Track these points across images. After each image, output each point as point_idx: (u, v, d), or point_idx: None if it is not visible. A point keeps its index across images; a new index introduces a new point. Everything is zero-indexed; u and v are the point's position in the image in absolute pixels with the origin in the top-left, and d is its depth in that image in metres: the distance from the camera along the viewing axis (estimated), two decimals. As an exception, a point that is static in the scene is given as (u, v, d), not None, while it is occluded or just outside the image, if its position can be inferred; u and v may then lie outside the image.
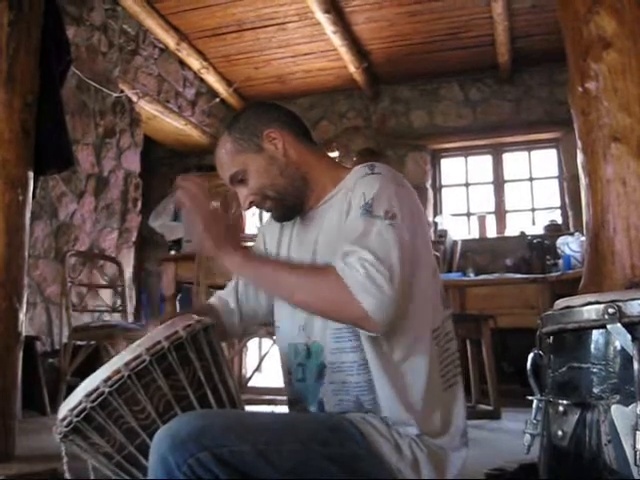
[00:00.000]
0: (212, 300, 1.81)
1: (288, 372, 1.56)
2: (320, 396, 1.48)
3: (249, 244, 1.82)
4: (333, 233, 1.47)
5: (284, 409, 1.63)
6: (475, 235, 6.38)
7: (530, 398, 1.31)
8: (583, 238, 3.79)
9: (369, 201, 1.37)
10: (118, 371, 1.27)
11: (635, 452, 1.01)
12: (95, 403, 1.26)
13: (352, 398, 1.42)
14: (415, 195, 1.49)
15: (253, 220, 6.72)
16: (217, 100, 6.88)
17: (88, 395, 1.27)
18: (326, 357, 1.46)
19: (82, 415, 1.28)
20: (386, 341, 1.38)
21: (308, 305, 1.37)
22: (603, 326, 1.11)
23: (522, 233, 6.05)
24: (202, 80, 6.70)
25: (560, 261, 5.28)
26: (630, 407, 1.05)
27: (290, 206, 1.56)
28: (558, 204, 6.34)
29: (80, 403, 1.27)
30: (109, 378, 1.26)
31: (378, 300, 1.25)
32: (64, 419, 1.30)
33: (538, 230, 6.04)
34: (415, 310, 1.39)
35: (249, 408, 1.61)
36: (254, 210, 1.66)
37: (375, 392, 1.40)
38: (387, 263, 1.28)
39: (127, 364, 1.27)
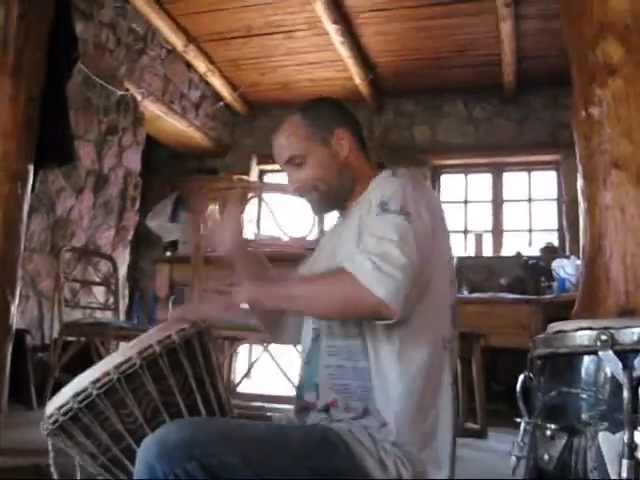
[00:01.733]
0: None
1: (303, 355, 1.62)
2: (317, 380, 1.50)
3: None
4: (351, 229, 1.53)
5: (272, 414, 1.63)
6: (471, 253, 6.38)
7: (518, 420, 1.31)
8: (579, 262, 3.79)
9: (385, 199, 1.41)
10: (107, 373, 1.26)
11: (620, 480, 1.01)
12: (82, 404, 1.26)
13: (347, 383, 1.45)
14: (437, 199, 1.54)
15: (250, 226, 6.71)
16: (221, 104, 6.89)
17: (76, 395, 1.26)
18: (324, 341, 1.50)
19: (69, 415, 1.27)
20: (389, 330, 1.39)
21: (326, 311, 1.40)
22: (595, 352, 1.11)
23: (518, 253, 6.05)
24: (207, 83, 6.71)
25: (555, 283, 5.28)
26: (617, 435, 1.05)
27: (332, 203, 1.63)
28: (555, 226, 6.35)
29: (67, 403, 1.27)
30: (98, 380, 1.26)
31: (390, 286, 1.28)
32: (51, 416, 1.30)
33: (534, 251, 6.04)
34: (427, 309, 1.42)
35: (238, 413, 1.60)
36: (251, 217, 1.69)
37: (370, 381, 1.42)
38: (394, 251, 1.31)
39: (117, 367, 1.27)
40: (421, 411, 1.42)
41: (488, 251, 6.39)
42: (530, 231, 6.48)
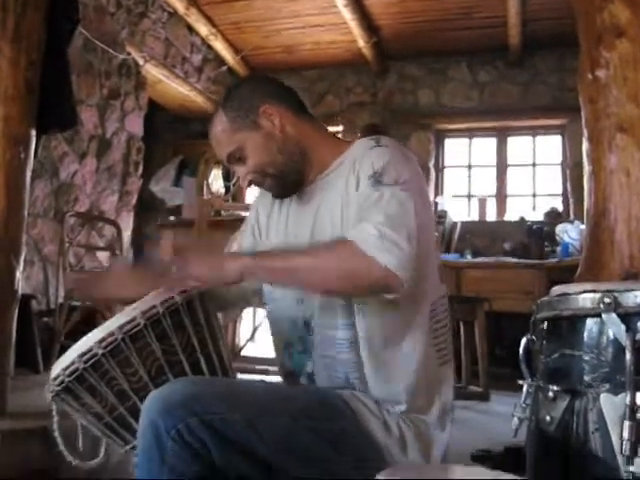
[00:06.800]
0: None
1: (286, 345, 1.54)
2: (310, 370, 1.48)
3: (248, 214, 1.81)
4: (335, 205, 1.45)
5: (276, 379, 1.64)
6: (475, 217, 6.37)
7: (520, 382, 1.32)
8: (582, 226, 3.79)
9: (378, 170, 1.36)
10: (112, 333, 1.28)
11: (622, 441, 1.02)
12: (88, 364, 1.28)
13: (341, 375, 1.42)
14: (419, 167, 1.48)
15: (253, 190, 6.70)
16: (224, 68, 6.83)
17: (81, 356, 1.28)
18: (318, 331, 1.46)
19: (74, 375, 1.29)
20: (381, 317, 1.38)
21: (328, 283, 1.32)
22: (598, 315, 1.11)
23: (522, 218, 6.04)
24: (210, 47, 6.64)
25: (558, 248, 5.28)
26: (619, 397, 1.06)
27: (291, 182, 1.54)
28: (560, 191, 6.32)
29: (73, 363, 1.28)
30: (103, 340, 1.28)
31: (398, 257, 1.23)
32: (56, 378, 1.31)
33: (538, 216, 6.03)
34: (416, 282, 1.36)
35: (242, 377, 1.62)
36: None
37: (363, 371, 1.40)
38: (402, 222, 1.27)
39: (121, 327, 1.28)
40: (424, 383, 1.41)
41: (492, 216, 6.38)
42: (534, 196, 6.45)
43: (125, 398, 1.31)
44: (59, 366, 1.31)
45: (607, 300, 1.09)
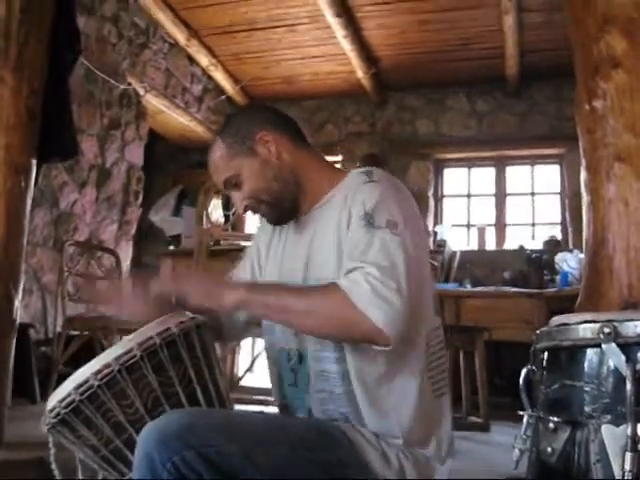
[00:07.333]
0: None
1: (279, 376, 1.54)
2: (308, 404, 1.47)
3: (247, 244, 1.81)
4: (328, 236, 1.45)
5: (274, 410, 1.62)
6: (474, 247, 6.37)
7: (521, 413, 1.31)
8: (582, 255, 3.79)
9: (369, 211, 1.36)
10: (108, 365, 1.26)
11: (623, 473, 1.01)
12: (84, 396, 1.26)
13: (337, 409, 1.41)
14: (412, 199, 1.48)
15: (254, 219, 6.71)
16: (223, 97, 6.88)
17: (77, 388, 1.26)
18: (311, 365, 1.45)
19: (70, 407, 1.27)
20: (372, 351, 1.34)
21: (318, 329, 1.35)
22: (598, 345, 1.11)
23: (521, 247, 6.04)
24: (210, 77, 6.70)
25: (557, 277, 5.27)
26: (621, 428, 1.05)
27: (285, 210, 1.54)
28: (558, 220, 6.34)
29: (69, 395, 1.27)
30: (99, 372, 1.26)
31: (388, 313, 1.23)
32: (52, 410, 1.30)
33: (537, 245, 6.03)
34: (416, 315, 1.36)
35: (240, 407, 1.60)
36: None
37: (357, 406, 1.39)
38: (393, 275, 1.27)
39: (118, 358, 1.27)
40: (420, 417, 1.39)
41: (491, 245, 6.39)
42: (533, 225, 6.47)
43: (121, 430, 1.29)
44: (55, 398, 1.30)
45: (607, 330, 1.09)
